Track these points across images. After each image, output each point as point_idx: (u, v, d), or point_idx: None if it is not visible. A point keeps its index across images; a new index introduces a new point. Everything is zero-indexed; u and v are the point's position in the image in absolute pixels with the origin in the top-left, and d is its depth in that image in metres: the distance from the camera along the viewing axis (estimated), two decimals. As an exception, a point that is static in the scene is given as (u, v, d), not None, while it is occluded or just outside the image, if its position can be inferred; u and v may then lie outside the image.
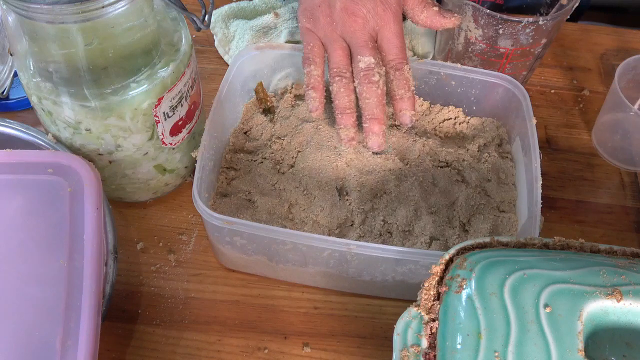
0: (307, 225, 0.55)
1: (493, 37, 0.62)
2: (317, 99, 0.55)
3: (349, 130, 0.55)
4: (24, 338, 0.42)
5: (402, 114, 0.55)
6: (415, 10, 0.57)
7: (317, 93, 0.55)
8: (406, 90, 0.55)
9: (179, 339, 0.53)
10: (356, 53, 0.54)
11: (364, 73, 0.53)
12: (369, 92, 0.54)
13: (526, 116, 0.57)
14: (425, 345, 0.38)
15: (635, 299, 0.37)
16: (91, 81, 0.48)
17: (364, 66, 0.53)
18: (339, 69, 0.54)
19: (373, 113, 0.54)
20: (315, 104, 0.55)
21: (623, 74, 0.65)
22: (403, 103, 0.55)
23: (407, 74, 0.55)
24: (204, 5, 0.52)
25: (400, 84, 0.55)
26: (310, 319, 0.54)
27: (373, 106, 0.54)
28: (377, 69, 0.54)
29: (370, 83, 0.53)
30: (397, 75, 0.55)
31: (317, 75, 0.55)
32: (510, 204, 0.57)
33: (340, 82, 0.54)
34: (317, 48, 0.55)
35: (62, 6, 0.43)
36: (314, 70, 0.55)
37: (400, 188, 0.57)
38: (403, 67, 0.55)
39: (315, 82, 0.55)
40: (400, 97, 0.55)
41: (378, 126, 0.54)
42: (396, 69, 0.55)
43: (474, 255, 0.40)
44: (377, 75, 0.54)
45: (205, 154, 0.53)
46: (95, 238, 0.46)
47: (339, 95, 0.55)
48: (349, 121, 0.55)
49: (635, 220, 0.62)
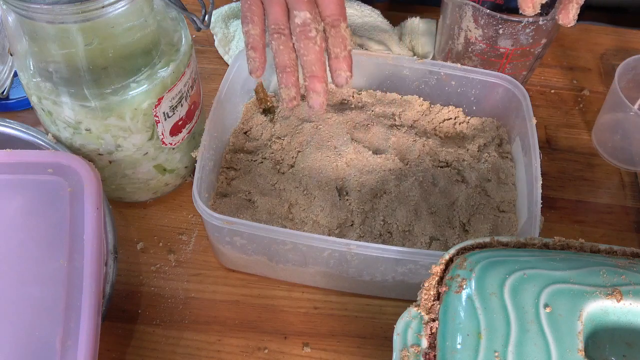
0: (307, 225, 0.55)
1: (493, 37, 0.62)
2: (257, 59, 0.52)
3: (290, 90, 0.52)
4: (24, 338, 0.42)
5: (337, 74, 0.52)
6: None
7: (257, 53, 0.52)
8: (342, 49, 0.52)
9: (179, 339, 0.53)
10: (292, 8, 0.51)
11: (300, 29, 0.51)
12: (307, 48, 0.51)
13: (526, 116, 0.57)
14: (425, 345, 0.38)
15: (635, 299, 0.37)
16: (91, 81, 0.48)
17: (299, 22, 0.51)
18: (277, 26, 0.51)
19: (312, 70, 0.51)
20: (255, 64, 0.52)
21: (623, 74, 0.65)
22: (338, 62, 0.52)
23: (344, 32, 0.52)
24: (204, 5, 0.52)
25: (336, 42, 0.52)
26: (310, 319, 0.54)
27: (312, 63, 0.51)
28: (314, 24, 0.51)
29: (307, 39, 0.50)
30: (333, 33, 0.52)
31: (256, 34, 0.52)
32: (510, 204, 0.57)
33: (279, 39, 0.51)
34: (254, 6, 0.52)
35: (62, 6, 0.43)
36: (252, 29, 0.52)
37: (400, 188, 0.57)
38: (339, 24, 0.52)
39: (255, 42, 0.52)
40: (336, 56, 0.52)
41: (319, 84, 0.51)
42: (332, 25, 0.52)
43: (474, 255, 0.40)
44: (314, 30, 0.51)
45: (205, 154, 0.53)
46: (95, 238, 0.46)
47: (278, 53, 0.52)
48: (289, 80, 0.51)
49: (635, 220, 0.62)
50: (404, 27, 0.75)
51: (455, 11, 0.63)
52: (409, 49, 0.74)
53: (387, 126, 0.62)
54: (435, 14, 0.71)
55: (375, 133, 0.61)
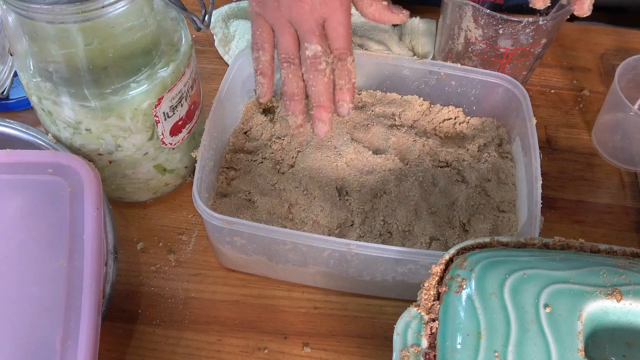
0: (307, 225, 0.55)
1: (493, 37, 0.62)
2: (266, 84, 0.55)
3: (297, 117, 0.55)
4: (24, 338, 0.42)
5: (339, 104, 0.55)
6: (364, 2, 0.56)
7: (266, 79, 0.55)
8: (347, 82, 0.55)
9: (179, 339, 0.53)
10: (303, 40, 0.54)
11: (311, 61, 0.53)
12: (316, 80, 0.53)
13: (526, 116, 0.57)
14: (425, 345, 0.38)
15: (635, 299, 0.37)
16: (91, 81, 0.48)
17: (310, 54, 0.53)
18: (287, 55, 0.54)
19: (320, 101, 0.54)
20: (263, 89, 0.55)
21: (623, 74, 0.65)
22: (342, 94, 0.55)
23: (350, 66, 0.55)
24: (204, 5, 0.52)
25: (342, 75, 0.54)
26: (310, 319, 0.54)
27: (320, 94, 0.54)
28: (324, 57, 0.53)
29: (317, 71, 0.53)
30: (340, 66, 0.54)
31: (266, 60, 0.55)
32: (510, 204, 0.57)
33: (289, 68, 0.54)
34: (265, 33, 0.55)
35: (62, 6, 0.43)
36: (262, 56, 0.55)
37: (400, 188, 0.57)
38: (346, 57, 0.54)
39: (264, 68, 0.55)
40: (340, 88, 0.55)
41: (325, 114, 0.54)
42: (339, 59, 0.54)
43: (474, 255, 0.40)
44: (324, 63, 0.53)
45: (205, 154, 0.53)
46: (95, 238, 0.46)
47: (287, 82, 0.54)
48: (297, 108, 0.55)
49: (635, 220, 0.62)
50: (404, 27, 0.75)
51: (455, 11, 0.63)
52: (409, 49, 0.74)
53: (387, 126, 0.62)
54: (435, 14, 0.71)
55: (375, 133, 0.61)
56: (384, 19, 0.57)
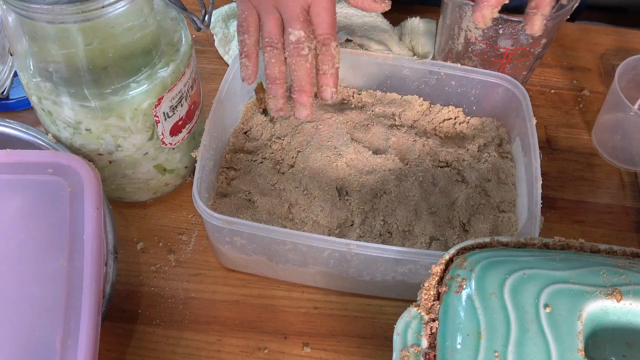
0: (307, 225, 0.55)
1: (493, 37, 0.62)
2: (250, 67, 0.55)
3: (278, 101, 0.55)
4: (24, 338, 0.42)
5: (323, 89, 0.56)
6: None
7: (251, 62, 0.55)
8: (330, 67, 0.55)
9: (179, 339, 0.53)
10: (287, 25, 0.54)
11: (294, 46, 0.54)
12: (298, 65, 0.54)
13: (526, 116, 0.57)
14: (425, 345, 0.38)
15: (635, 299, 0.37)
16: (91, 81, 0.48)
17: (294, 39, 0.54)
18: (270, 39, 0.55)
19: (301, 85, 0.54)
20: (248, 72, 0.56)
21: (623, 74, 0.65)
22: (326, 79, 0.55)
23: (334, 51, 0.55)
24: (204, 5, 0.52)
25: (325, 59, 0.55)
26: (310, 319, 0.54)
27: (301, 78, 0.54)
28: (307, 42, 0.54)
29: (299, 56, 0.54)
30: (324, 51, 0.55)
31: (251, 44, 0.55)
32: (510, 204, 0.57)
33: (272, 52, 0.54)
34: (251, 17, 0.55)
35: (62, 6, 0.43)
36: (247, 39, 0.55)
37: (400, 188, 0.57)
38: (330, 43, 0.55)
39: (249, 51, 0.55)
40: (324, 73, 0.55)
41: (306, 98, 0.55)
42: (323, 44, 0.55)
43: (474, 255, 0.40)
44: (307, 49, 0.54)
45: (205, 154, 0.53)
46: (95, 238, 0.46)
47: (269, 65, 0.55)
48: (278, 91, 0.55)
49: (635, 220, 0.62)
50: (404, 27, 0.75)
51: (455, 11, 0.63)
52: (409, 49, 0.74)
53: (387, 126, 0.62)
54: (435, 14, 0.71)
55: (375, 133, 0.61)
56: (365, 7, 0.57)
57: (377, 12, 0.58)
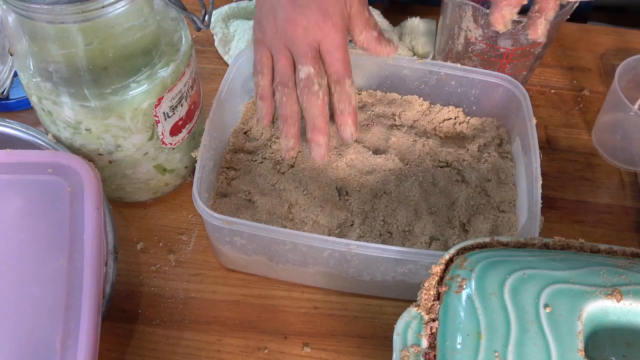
0: (307, 225, 0.55)
1: (493, 37, 0.62)
2: (264, 108, 0.56)
3: (289, 140, 0.55)
4: (24, 338, 0.42)
5: (342, 128, 0.55)
6: (355, 30, 0.56)
7: (265, 103, 0.56)
8: (347, 105, 0.55)
9: (179, 339, 0.53)
10: (297, 62, 0.54)
11: (304, 83, 0.54)
12: (309, 102, 0.54)
13: (526, 116, 0.57)
14: (425, 345, 0.38)
15: (635, 299, 0.37)
16: (91, 81, 0.48)
17: (303, 76, 0.53)
18: (282, 78, 0.55)
19: (314, 124, 0.54)
20: (262, 112, 0.56)
21: (623, 74, 0.65)
22: (343, 117, 0.55)
23: (349, 88, 0.55)
24: (204, 5, 0.52)
25: (341, 98, 0.55)
26: (310, 319, 0.54)
27: (314, 117, 0.54)
28: (317, 78, 0.53)
29: (310, 93, 0.53)
30: (338, 89, 0.55)
31: (265, 85, 0.56)
32: (510, 204, 0.57)
33: (283, 91, 0.55)
34: (264, 58, 0.56)
35: (62, 6, 0.43)
36: (261, 80, 0.56)
37: (400, 188, 0.57)
38: (344, 80, 0.54)
39: (263, 92, 0.56)
40: (341, 112, 0.55)
41: (320, 137, 0.54)
42: (337, 82, 0.55)
43: (474, 255, 0.40)
44: (317, 85, 0.53)
45: (205, 154, 0.53)
46: (95, 238, 0.46)
47: (281, 105, 0.55)
48: (289, 131, 0.55)
49: (635, 220, 0.62)
50: (404, 27, 0.75)
51: (455, 11, 0.63)
52: (409, 49, 0.74)
53: (387, 126, 0.62)
54: (435, 14, 0.71)
55: (375, 133, 0.61)
56: (370, 49, 0.57)
57: (382, 55, 0.57)
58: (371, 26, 0.56)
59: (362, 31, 0.56)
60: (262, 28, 0.55)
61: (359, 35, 0.56)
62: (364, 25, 0.56)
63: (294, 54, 0.54)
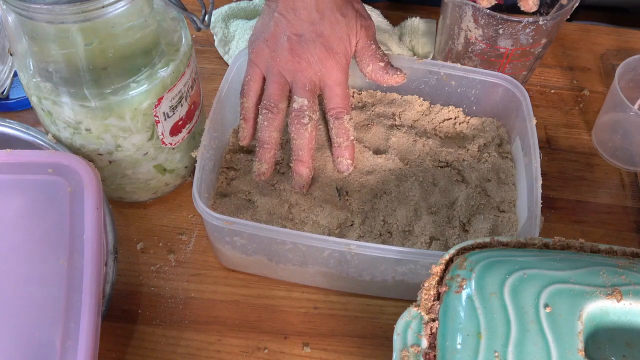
0: (307, 225, 0.55)
1: (493, 37, 0.62)
2: (246, 129, 0.57)
3: (262, 165, 0.56)
4: (24, 338, 0.42)
5: (339, 161, 0.57)
6: (362, 62, 0.57)
7: (247, 124, 0.57)
8: (345, 139, 0.56)
9: (179, 339, 0.53)
10: (294, 92, 0.55)
11: (295, 113, 0.55)
12: (297, 132, 0.55)
13: (526, 116, 0.57)
14: (425, 345, 0.38)
15: (635, 299, 0.37)
16: (91, 81, 0.48)
17: (297, 107, 0.55)
18: (268, 103, 0.55)
19: (299, 155, 0.55)
20: (243, 134, 0.57)
21: (623, 74, 0.65)
22: (341, 151, 0.57)
23: (347, 124, 0.56)
24: (204, 5, 0.52)
25: (339, 133, 0.56)
26: (310, 319, 0.54)
27: (300, 148, 0.55)
28: (309, 112, 0.55)
29: (299, 124, 0.55)
30: (337, 125, 0.56)
31: (249, 107, 0.57)
32: (510, 204, 0.57)
33: (267, 115, 0.55)
34: (253, 82, 0.57)
35: (62, 6, 0.43)
36: (245, 102, 0.57)
37: (401, 188, 0.57)
38: (343, 116, 0.56)
39: (246, 114, 0.57)
40: (339, 145, 0.57)
41: (303, 169, 0.55)
42: (336, 117, 0.56)
43: (474, 255, 0.40)
44: (307, 118, 0.54)
45: (205, 154, 0.53)
46: (95, 238, 0.46)
47: (262, 128, 0.56)
48: (264, 156, 0.56)
49: (635, 220, 0.62)
50: (404, 27, 0.75)
51: (455, 11, 0.63)
52: (409, 49, 0.74)
53: (387, 126, 0.62)
54: (435, 14, 0.71)
55: (376, 133, 0.61)
56: (379, 81, 0.58)
57: (390, 84, 0.58)
58: (378, 58, 0.57)
59: (370, 64, 0.57)
60: (258, 50, 0.56)
61: (367, 68, 0.57)
62: (371, 58, 0.57)
63: (293, 85, 0.55)
